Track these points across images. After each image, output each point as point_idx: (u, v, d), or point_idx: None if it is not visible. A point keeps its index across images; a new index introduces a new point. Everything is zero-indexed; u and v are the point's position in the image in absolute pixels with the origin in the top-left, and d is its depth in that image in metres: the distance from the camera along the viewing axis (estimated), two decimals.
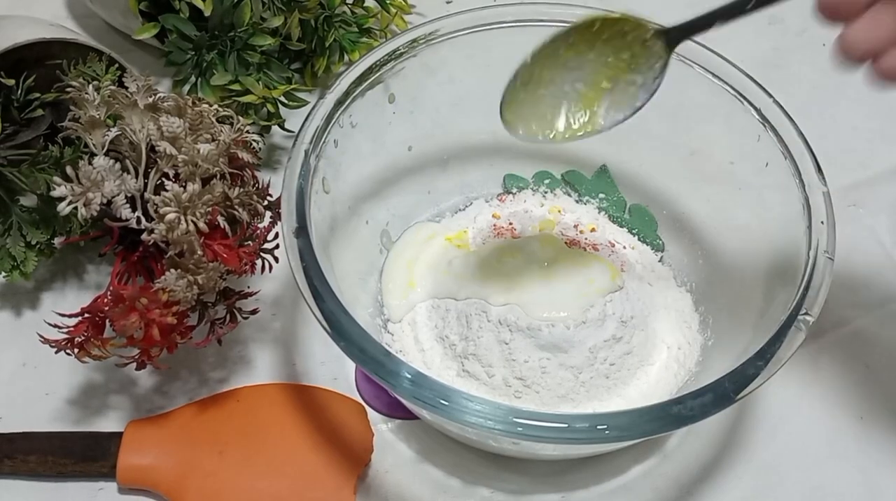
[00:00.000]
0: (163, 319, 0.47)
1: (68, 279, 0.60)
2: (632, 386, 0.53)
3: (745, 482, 0.53)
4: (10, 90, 0.57)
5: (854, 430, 0.55)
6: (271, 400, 0.54)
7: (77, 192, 0.46)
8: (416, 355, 0.55)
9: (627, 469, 0.53)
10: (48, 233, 0.56)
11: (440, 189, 0.62)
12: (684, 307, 0.57)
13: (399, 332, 0.56)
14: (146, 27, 0.64)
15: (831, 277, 0.47)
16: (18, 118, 0.57)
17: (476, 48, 0.58)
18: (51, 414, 0.54)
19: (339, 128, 0.53)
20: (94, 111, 0.49)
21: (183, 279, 0.47)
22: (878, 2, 0.40)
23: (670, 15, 0.48)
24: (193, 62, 0.64)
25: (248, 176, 0.51)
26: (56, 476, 0.51)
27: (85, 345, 0.48)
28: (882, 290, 0.61)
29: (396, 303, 0.57)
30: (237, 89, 0.63)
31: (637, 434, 0.43)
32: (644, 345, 0.54)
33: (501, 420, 0.41)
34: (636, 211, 0.62)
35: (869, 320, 0.59)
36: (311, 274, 0.46)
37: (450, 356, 0.54)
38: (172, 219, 0.46)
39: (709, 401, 0.43)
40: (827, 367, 0.57)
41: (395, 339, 0.56)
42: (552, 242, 0.58)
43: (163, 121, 0.49)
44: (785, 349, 0.44)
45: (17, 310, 0.59)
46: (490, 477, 0.52)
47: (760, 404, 0.55)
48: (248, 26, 0.63)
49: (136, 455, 0.51)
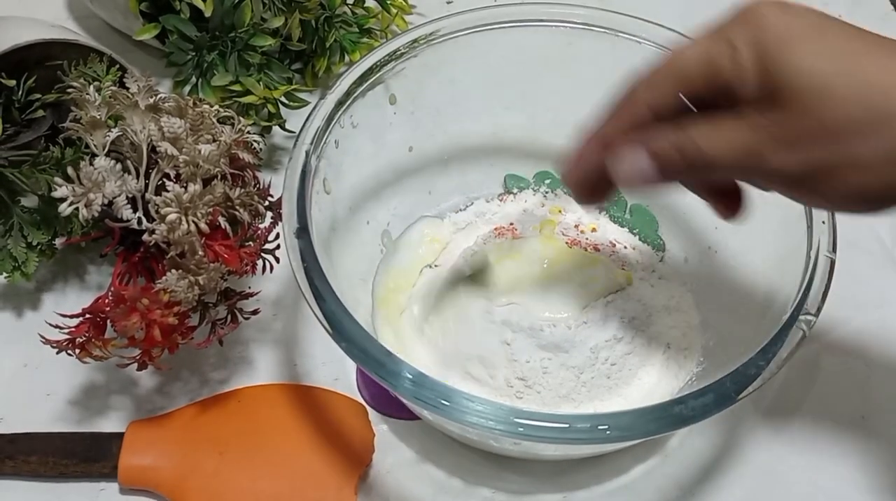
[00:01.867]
0: (164, 320, 0.47)
1: (69, 280, 0.60)
2: (633, 386, 0.53)
3: (747, 482, 0.53)
4: (11, 91, 0.57)
5: (855, 430, 0.55)
6: (272, 400, 0.54)
7: (78, 193, 0.46)
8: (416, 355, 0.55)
9: (629, 469, 0.53)
10: (49, 234, 0.56)
11: (441, 189, 0.62)
12: (685, 307, 0.57)
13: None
14: (147, 28, 0.64)
15: (832, 277, 0.47)
16: (19, 119, 0.57)
17: (476, 48, 0.58)
18: (52, 414, 0.54)
19: (339, 128, 0.53)
20: (95, 112, 0.50)
21: (184, 280, 0.47)
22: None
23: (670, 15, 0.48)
24: (194, 63, 0.64)
25: (249, 176, 0.51)
26: (57, 476, 0.51)
27: (86, 346, 0.48)
28: (882, 290, 0.61)
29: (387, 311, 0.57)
30: (238, 90, 0.63)
31: (638, 434, 0.43)
32: (645, 346, 0.54)
33: (502, 420, 0.41)
34: (637, 211, 0.62)
35: (869, 320, 0.59)
36: (313, 274, 0.46)
37: (450, 356, 0.54)
38: (173, 219, 0.46)
39: (710, 401, 0.43)
40: (828, 367, 0.57)
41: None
42: (553, 242, 0.58)
43: (164, 122, 0.49)
44: (786, 349, 0.44)
45: (18, 311, 0.59)
46: (491, 477, 0.52)
47: (762, 404, 0.55)
48: (248, 27, 0.63)
49: (138, 456, 0.51)
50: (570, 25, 0.58)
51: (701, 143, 0.40)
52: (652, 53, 0.56)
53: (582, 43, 0.58)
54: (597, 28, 0.57)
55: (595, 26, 0.57)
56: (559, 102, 0.60)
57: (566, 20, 0.58)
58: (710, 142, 0.39)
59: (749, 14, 0.39)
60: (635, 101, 0.42)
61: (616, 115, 0.43)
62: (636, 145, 0.41)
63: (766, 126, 0.38)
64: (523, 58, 0.59)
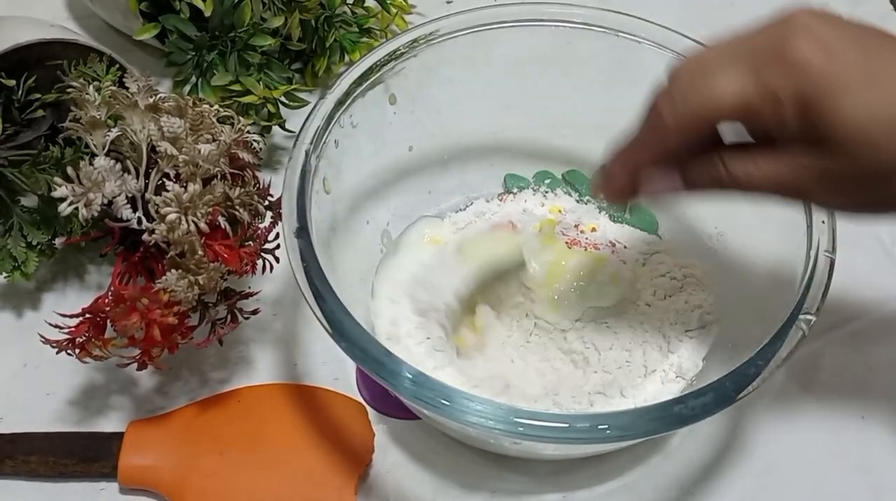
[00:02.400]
0: (164, 319, 0.47)
1: (69, 279, 0.60)
2: (633, 385, 0.53)
3: (747, 481, 0.53)
4: (11, 91, 0.57)
5: (855, 430, 0.55)
6: (272, 400, 0.54)
7: (78, 193, 0.46)
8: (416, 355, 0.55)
9: (629, 469, 0.53)
10: (49, 234, 0.56)
11: (441, 189, 0.62)
12: (686, 307, 0.57)
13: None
14: (147, 27, 0.64)
15: (832, 277, 0.47)
16: (19, 119, 0.57)
17: (476, 48, 0.58)
18: (52, 414, 0.54)
19: (339, 128, 0.53)
20: (95, 111, 0.49)
21: (184, 279, 0.47)
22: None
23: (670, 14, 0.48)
24: (194, 62, 0.64)
25: (248, 176, 0.51)
26: (57, 476, 0.51)
27: (86, 346, 0.48)
28: (882, 290, 0.61)
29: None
30: (238, 89, 0.63)
31: (638, 433, 0.43)
32: (646, 346, 0.54)
33: (502, 420, 0.41)
34: (637, 210, 0.62)
35: (869, 319, 0.59)
36: (312, 274, 0.46)
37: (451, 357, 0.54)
38: (173, 219, 0.46)
39: (710, 401, 0.43)
40: (828, 367, 0.57)
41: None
42: (552, 242, 0.58)
43: (163, 122, 0.49)
44: (785, 348, 0.44)
45: (18, 311, 0.59)
46: (491, 477, 0.52)
47: (762, 403, 0.55)
48: (248, 26, 0.63)
49: (137, 456, 0.51)
50: (569, 25, 0.58)
51: (739, 176, 0.40)
52: (652, 53, 0.56)
53: (582, 42, 0.58)
54: (596, 28, 0.57)
55: (595, 26, 0.57)
56: (559, 102, 0.60)
57: (566, 20, 0.58)
58: (750, 178, 0.40)
59: (789, 53, 0.37)
60: (666, 132, 0.41)
61: (647, 144, 0.42)
62: (671, 174, 0.42)
63: (810, 166, 0.38)
64: (523, 58, 0.59)
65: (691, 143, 0.41)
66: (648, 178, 0.43)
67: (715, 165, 0.40)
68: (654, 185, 0.43)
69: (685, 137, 0.40)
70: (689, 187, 0.42)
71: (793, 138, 0.38)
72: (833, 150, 0.37)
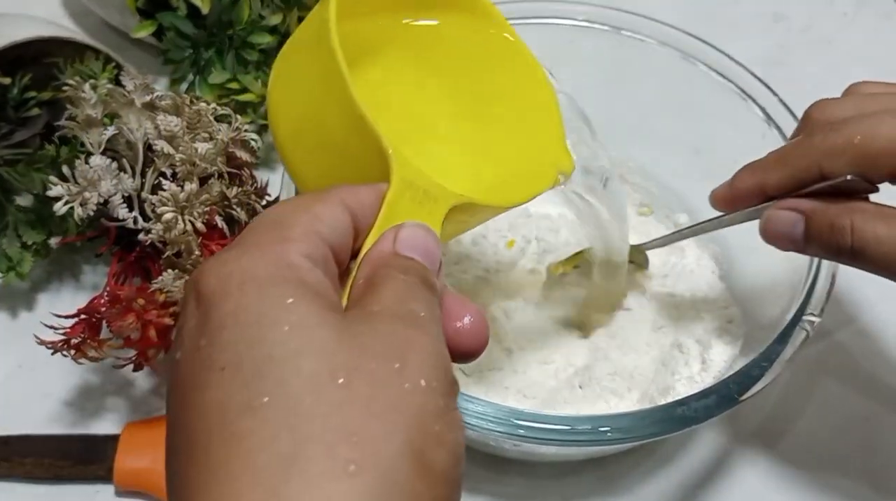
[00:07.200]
0: (160, 320, 0.46)
1: (65, 280, 0.60)
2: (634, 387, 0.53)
3: (750, 484, 0.52)
4: (6, 89, 0.56)
5: (859, 431, 0.55)
6: None
7: (73, 192, 0.45)
8: None
9: (630, 471, 0.53)
10: (44, 234, 0.56)
11: None
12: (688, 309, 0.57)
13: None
14: (143, 25, 0.64)
15: (836, 277, 0.47)
16: (14, 117, 0.57)
17: None
18: (47, 416, 0.54)
19: None
20: (91, 110, 0.49)
21: (180, 279, 0.46)
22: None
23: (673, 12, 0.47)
24: (191, 60, 0.64)
25: (246, 175, 0.51)
26: (52, 478, 0.51)
27: (81, 347, 0.48)
28: (886, 289, 0.61)
29: None
30: (235, 87, 0.63)
31: (640, 436, 0.43)
32: (647, 346, 0.54)
33: (503, 421, 0.41)
34: None
35: (873, 319, 0.59)
36: None
37: None
38: (170, 218, 0.46)
39: (713, 403, 0.42)
40: (832, 368, 0.57)
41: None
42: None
43: (160, 120, 0.49)
44: (789, 350, 0.44)
45: (12, 312, 0.58)
46: (490, 481, 0.52)
47: (765, 405, 0.55)
48: (246, 24, 0.63)
49: (134, 458, 0.50)
50: (572, 23, 0.57)
51: (867, 237, 0.38)
52: (655, 51, 0.56)
53: (584, 40, 0.58)
54: (599, 25, 0.57)
55: (598, 23, 0.57)
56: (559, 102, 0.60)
57: (567, 18, 0.57)
58: (879, 240, 0.38)
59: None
60: (809, 162, 0.40)
61: (785, 167, 0.41)
62: (796, 214, 0.41)
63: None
64: None
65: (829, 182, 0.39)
66: (774, 217, 0.42)
67: (845, 212, 0.39)
68: (776, 226, 0.41)
69: (827, 173, 0.39)
70: (807, 235, 0.40)
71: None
72: None
